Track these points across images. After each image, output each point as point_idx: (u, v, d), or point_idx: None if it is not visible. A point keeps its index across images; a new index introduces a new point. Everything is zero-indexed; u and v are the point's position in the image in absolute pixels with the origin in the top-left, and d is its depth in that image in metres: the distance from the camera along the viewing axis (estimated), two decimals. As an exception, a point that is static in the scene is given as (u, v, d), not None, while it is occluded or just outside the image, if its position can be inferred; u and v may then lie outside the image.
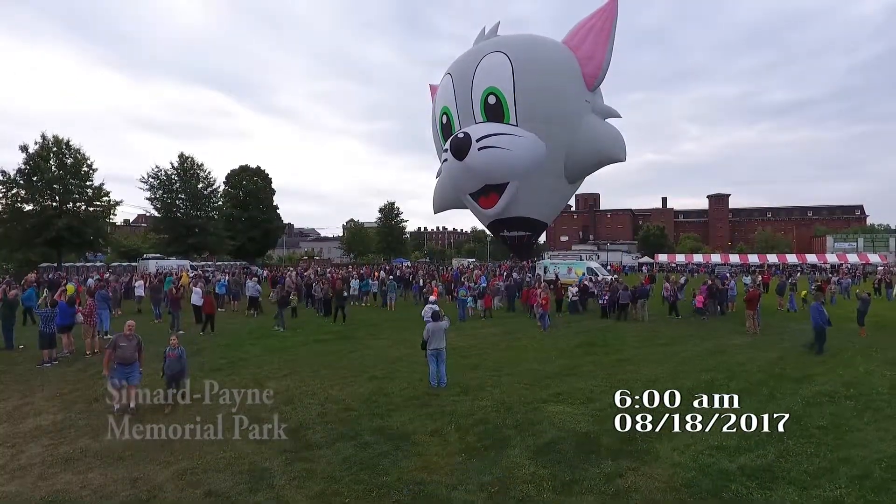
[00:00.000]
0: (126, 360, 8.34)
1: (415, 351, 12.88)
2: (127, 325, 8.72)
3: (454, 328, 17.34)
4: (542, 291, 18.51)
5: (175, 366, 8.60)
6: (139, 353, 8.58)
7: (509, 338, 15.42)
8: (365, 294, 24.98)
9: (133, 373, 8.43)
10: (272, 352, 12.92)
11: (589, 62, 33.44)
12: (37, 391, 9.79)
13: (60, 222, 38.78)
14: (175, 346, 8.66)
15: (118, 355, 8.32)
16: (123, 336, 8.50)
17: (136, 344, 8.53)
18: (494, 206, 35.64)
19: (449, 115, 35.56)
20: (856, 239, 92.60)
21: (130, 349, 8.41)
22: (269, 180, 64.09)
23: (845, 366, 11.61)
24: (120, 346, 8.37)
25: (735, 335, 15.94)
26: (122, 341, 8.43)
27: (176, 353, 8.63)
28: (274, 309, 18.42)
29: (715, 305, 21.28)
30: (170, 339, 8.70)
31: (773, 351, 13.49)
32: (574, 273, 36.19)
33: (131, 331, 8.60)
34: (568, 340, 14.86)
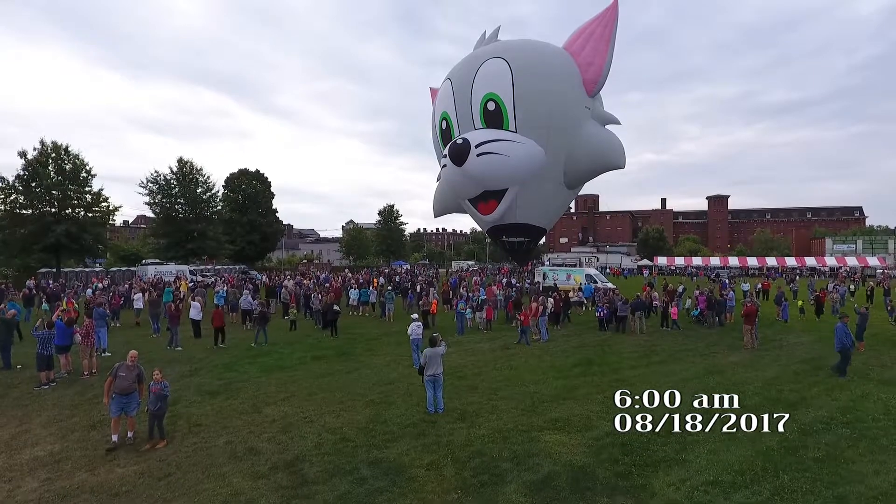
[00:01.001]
0: (124, 390, 8.29)
1: (412, 371, 12.92)
2: (130, 355, 8.64)
3: (453, 343, 17.41)
4: (536, 303, 18.48)
5: (155, 402, 8.26)
6: (139, 384, 8.51)
7: (507, 354, 15.42)
8: (363, 304, 24.95)
9: (131, 403, 8.39)
10: (270, 372, 12.92)
11: (589, 68, 33.44)
12: (34, 417, 9.79)
13: (59, 228, 38.79)
14: (158, 381, 8.32)
15: (117, 385, 8.27)
16: (125, 366, 8.44)
17: (136, 374, 8.47)
18: (493, 212, 35.63)
19: (448, 121, 35.55)
20: (855, 241, 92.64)
21: (130, 379, 8.35)
22: (269, 183, 64.15)
23: (841, 388, 11.63)
24: (119, 376, 8.32)
25: (733, 351, 15.95)
26: (122, 371, 8.38)
27: (157, 388, 8.27)
28: (274, 321, 18.44)
29: (713, 316, 21.32)
30: (153, 373, 8.43)
31: (770, 369, 13.51)
32: (573, 280, 36.23)
33: (134, 361, 8.54)
34: (565, 358, 14.87)
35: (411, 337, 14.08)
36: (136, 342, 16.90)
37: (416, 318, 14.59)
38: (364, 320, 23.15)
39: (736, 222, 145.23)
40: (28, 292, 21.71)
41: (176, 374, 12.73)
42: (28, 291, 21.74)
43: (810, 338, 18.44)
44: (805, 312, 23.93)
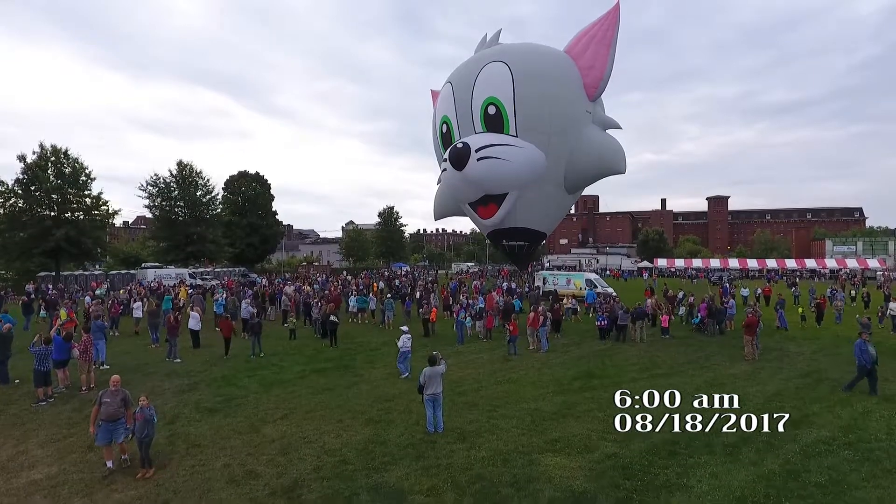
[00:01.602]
0: (111, 416, 8.04)
1: (411, 386, 12.85)
2: (112, 380, 8.39)
3: (453, 353, 17.36)
4: (536, 313, 18.38)
5: (141, 429, 7.94)
6: (126, 408, 8.25)
7: (507, 366, 15.34)
8: (362, 311, 24.89)
9: (118, 429, 8.13)
10: (269, 387, 12.85)
11: (590, 72, 33.33)
12: (31, 436, 9.73)
13: (59, 232, 38.71)
14: (145, 406, 8.01)
15: (103, 412, 8.04)
16: (109, 392, 8.19)
17: (121, 399, 8.19)
18: (493, 216, 35.56)
19: (449, 125, 35.47)
20: (855, 242, 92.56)
21: (115, 405, 8.10)
22: (268, 186, 64.11)
23: (843, 404, 11.57)
24: (104, 402, 8.08)
25: (734, 362, 15.89)
26: (106, 397, 8.13)
27: (143, 416, 7.96)
28: (274, 329, 18.37)
29: (714, 324, 21.27)
30: (139, 399, 8.12)
31: (771, 383, 13.45)
32: (573, 284, 36.18)
33: (116, 386, 8.26)
34: (566, 370, 14.80)
35: (402, 350, 14.04)
36: (136, 352, 16.89)
37: (405, 329, 14.51)
38: (363, 328, 23.09)
39: (736, 223, 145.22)
40: (27, 299, 21.61)
41: (174, 389, 12.70)
42: (27, 298, 21.64)
43: (812, 347, 18.39)
44: (806, 319, 23.84)
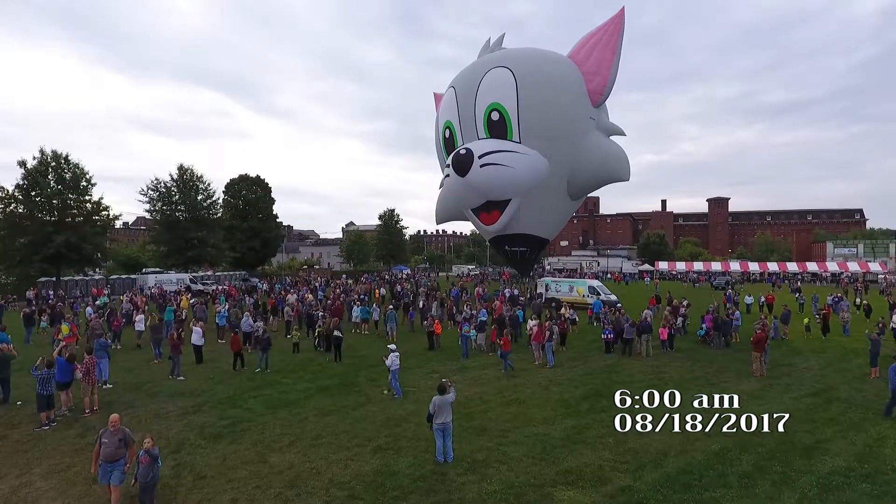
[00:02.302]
0: (109, 457, 7.71)
1: (419, 406, 12.71)
2: (111, 419, 7.99)
3: (458, 369, 17.22)
4: (540, 329, 18.23)
5: (146, 473, 7.51)
6: (127, 448, 7.90)
7: (513, 384, 15.19)
8: (365, 321, 24.73)
9: (115, 471, 7.75)
10: (274, 409, 12.68)
11: (594, 78, 33.13)
12: (34, 464, 9.58)
13: (59, 238, 38.58)
14: (150, 448, 7.54)
15: (102, 452, 7.72)
16: (108, 431, 7.83)
17: (119, 440, 7.83)
18: (496, 222, 35.36)
19: (452, 130, 35.30)
20: (856, 245, 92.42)
21: (113, 446, 7.75)
22: (269, 189, 63.95)
23: (857, 428, 11.43)
24: (103, 443, 7.75)
25: (742, 379, 15.77)
26: (105, 437, 7.79)
27: (148, 459, 7.50)
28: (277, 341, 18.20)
29: (720, 337, 21.13)
30: (144, 440, 7.63)
31: (780, 402, 13.33)
32: (576, 292, 36.02)
33: (115, 426, 7.89)
34: (573, 389, 14.66)
35: (391, 368, 13.86)
36: (138, 369, 16.73)
37: (393, 347, 14.31)
38: (366, 339, 22.93)
39: (736, 224, 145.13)
40: (29, 311, 21.45)
41: (179, 411, 12.54)
42: (29, 310, 21.48)
43: (819, 362, 18.25)
44: (811, 330, 23.70)
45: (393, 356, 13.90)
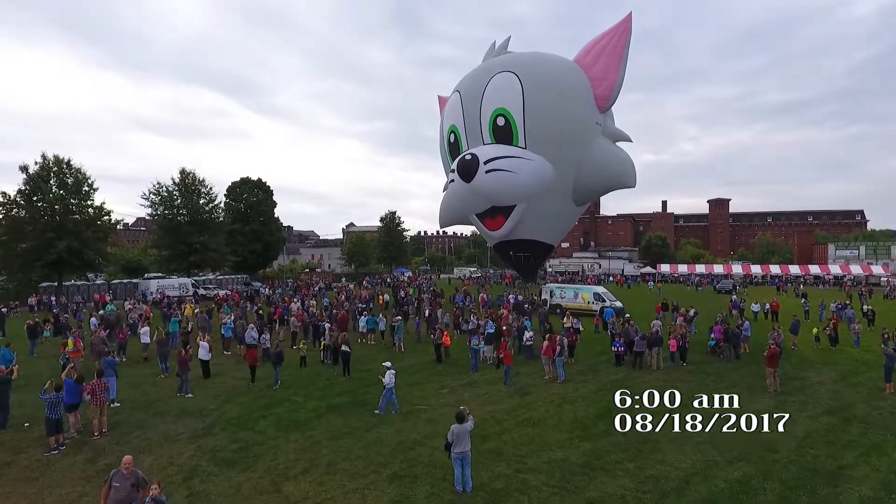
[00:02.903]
0: (120, 502, 7.37)
1: (432, 427, 12.55)
2: (124, 461, 7.62)
3: (468, 383, 17.04)
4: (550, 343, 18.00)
5: None
6: (138, 491, 7.52)
7: (526, 401, 14.99)
8: (371, 332, 24.54)
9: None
10: (286, 430, 12.48)
11: (601, 83, 32.86)
12: (45, 495, 9.37)
13: (61, 244, 38.39)
14: (156, 496, 7.14)
15: (112, 497, 7.36)
16: (120, 474, 7.47)
17: (132, 485, 7.46)
18: (500, 228, 35.12)
19: (457, 134, 35.06)
20: (857, 247, 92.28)
21: (125, 490, 7.39)
22: (271, 192, 63.79)
23: (878, 451, 11.27)
24: (114, 486, 7.40)
25: (756, 395, 15.60)
26: (116, 480, 7.44)
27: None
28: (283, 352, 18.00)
29: (730, 349, 20.97)
30: (151, 486, 7.29)
31: (798, 423, 13.15)
32: (581, 298, 35.82)
33: (129, 468, 7.52)
34: (586, 407, 14.48)
35: (387, 386, 13.69)
36: (145, 385, 16.54)
37: (388, 365, 14.14)
38: (373, 350, 22.72)
39: (737, 225, 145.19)
40: (33, 323, 21.27)
41: (189, 433, 12.35)
42: (33, 322, 21.30)
43: (832, 375, 18.11)
44: (820, 341, 23.54)
45: (389, 374, 13.78)
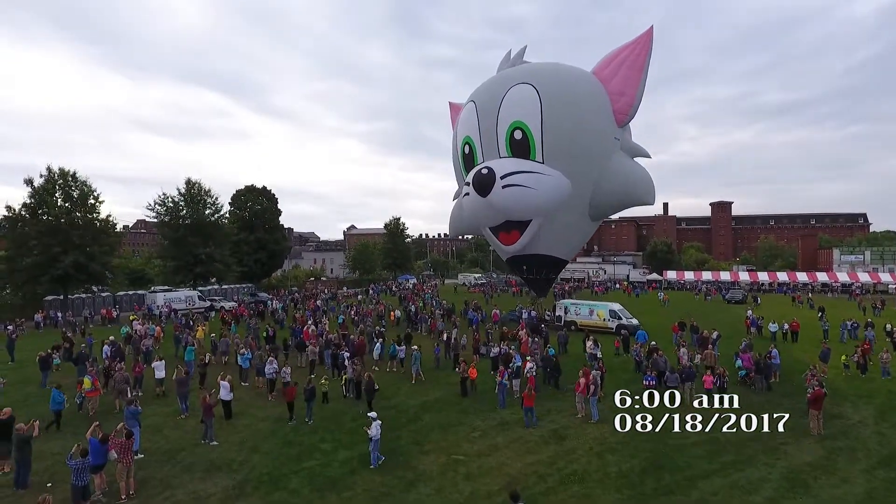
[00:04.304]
0: None
1: (474, 485, 12.00)
2: None
3: (499, 425, 16.41)
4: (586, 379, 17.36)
5: None
6: None
7: (564, 449, 14.34)
8: (391, 359, 23.90)
9: None
10: (322, 489, 11.89)
11: (620, 98, 32.19)
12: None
13: (67, 259, 37.72)
14: None
15: None
16: None
17: None
18: (515, 243, 34.47)
19: (472, 146, 34.33)
20: (862, 252, 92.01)
21: None
22: (276, 200, 63.12)
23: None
24: None
25: (800, 438, 15.02)
26: None
27: None
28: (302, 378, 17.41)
29: (762, 380, 20.43)
30: None
31: (855, 479, 12.59)
32: (596, 315, 35.23)
33: None
34: (629, 457, 13.81)
35: (373, 438, 13.09)
36: (167, 429, 15.94)
37: (374, 416, 13.58)
38: (393, 380, 22.06)
39: (739, 228, 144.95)
40: (45, 354, 20.65)
41: (220, 493, 11.77)
42: (45, 353, 20.69)
43: (870, 411, 17.61)
44: (849, 368, 23.03)
45: (375, 425, 13.19)
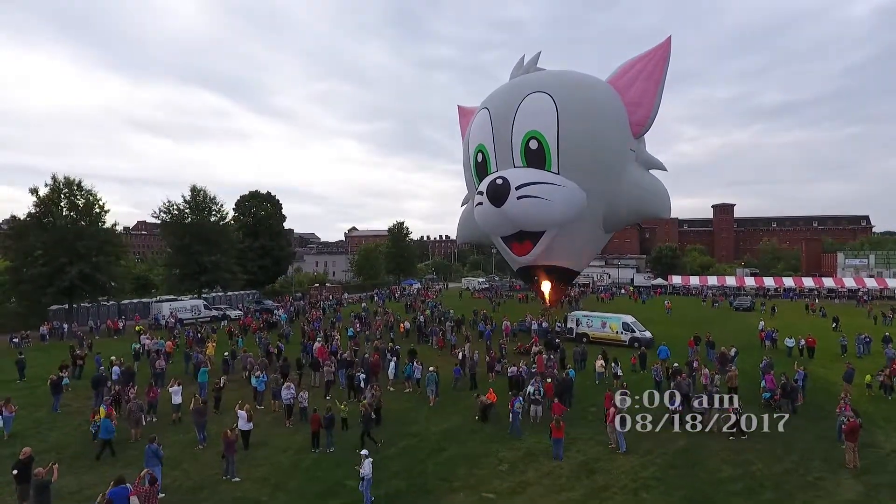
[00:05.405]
0: None
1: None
2: None
3: (525, 454, 15.95)
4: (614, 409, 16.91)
5: None
6: None
7: (599, 485, 13.91)
8: (407, 379, 23.45)
9: None
10: (352, 536, 11.51)
11: (636, 109, 31.74)
12: None
13: (73, 270, 37.27)
14: None
15: None
16: None
17: None
18: (528, 254, 34.01)
19: (485, 154, 33.81)
20: (867, 255, 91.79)
21: None
22: (280, 205, 62.78)
23: None
24: None
25: (837, 472, 14.64)
26: None
27: None
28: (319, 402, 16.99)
29: (788, 404, 20.03)
30: None
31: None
32: (609, 328, 34.72)
33: None
34: (666, 495, 13.37)
35: (364, 477, 12.51)
36: (187, 461, 15.51)
37: (366, 453, 12.99)
38: (409, 403, 21.54)
39: (741, 231, 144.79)
40: (56, 378, 20.23)
41: (247, 540, 11.34)
42: (56, 377, 20.26)
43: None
44: (872, 388, 22.67)
45: (367, 462, 12.62)
